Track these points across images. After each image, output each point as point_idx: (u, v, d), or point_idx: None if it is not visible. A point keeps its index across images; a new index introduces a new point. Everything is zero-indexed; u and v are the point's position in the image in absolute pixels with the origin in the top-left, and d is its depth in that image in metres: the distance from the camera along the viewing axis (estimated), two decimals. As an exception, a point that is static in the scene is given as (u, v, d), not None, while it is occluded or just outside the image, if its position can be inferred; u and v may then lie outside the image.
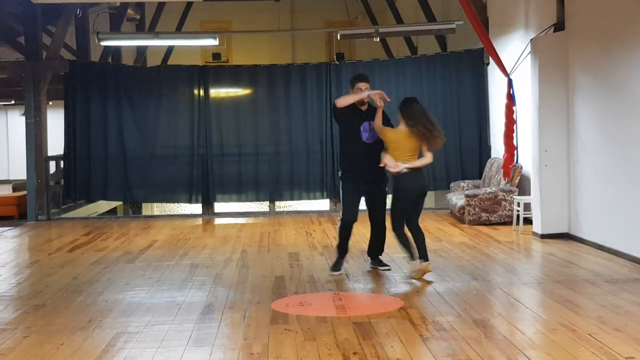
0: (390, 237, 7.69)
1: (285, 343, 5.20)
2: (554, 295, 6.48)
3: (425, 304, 6.26)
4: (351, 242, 9.66)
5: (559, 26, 9.54)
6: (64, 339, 5.42)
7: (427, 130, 7.30)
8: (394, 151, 7.37)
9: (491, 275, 7.53)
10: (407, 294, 6.62)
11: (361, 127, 7.54)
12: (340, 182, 7.83)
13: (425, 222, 11.42)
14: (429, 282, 7.09)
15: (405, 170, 7.28)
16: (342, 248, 7.72)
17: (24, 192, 13.53)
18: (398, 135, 7.39)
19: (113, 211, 16.37)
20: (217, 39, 12.48)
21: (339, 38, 11.84)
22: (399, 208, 7.41)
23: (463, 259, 8.30)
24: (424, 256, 7.26)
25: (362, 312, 6.03)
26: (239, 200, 13.84)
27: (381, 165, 7.39)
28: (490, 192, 10.88)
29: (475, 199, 10.87)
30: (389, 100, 7.59)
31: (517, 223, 10.22)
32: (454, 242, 9.49)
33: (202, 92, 13.48)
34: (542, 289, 6.79)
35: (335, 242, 8.18)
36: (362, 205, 7.79)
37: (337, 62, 13.64)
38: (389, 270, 7.71)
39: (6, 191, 15.82)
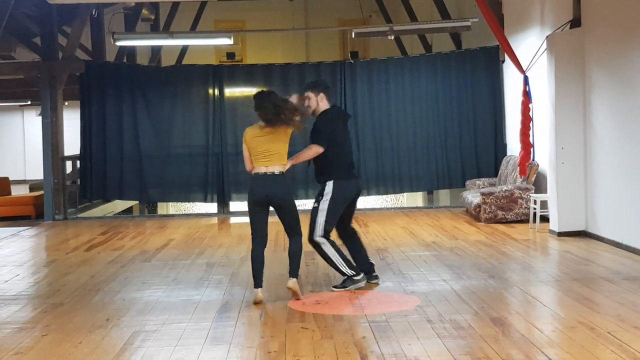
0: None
1: (302, 341, 5.20)
2: (571, 293, 6.44)
3: (442, 302, 6.23)
4: (366, 241, 9.71)
5: (575, 22, 9.47)
6: (82, 338, 5.44)
7: (276, 107, 6.43)
8: (252, 155, 6.53)
9: (508, 274, 7.49)
10: (424, 293, 6.59)
11: None
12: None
13: (441, 220, 11.43)
14: (445, 281, 7.06)
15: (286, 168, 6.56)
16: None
17: (41, 192, 13.60)
18: (248, 136, 6.60)
19: (129, 210, 16.44)
20: (232, 38, 12.48)
21: (353, 36, 11.81)
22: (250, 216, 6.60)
23: (479, 257, 8.27)
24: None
25: (378, 311, 6.02)
26: (254, 199, 13.79)
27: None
28: (506, 190, 10.83)
29: (491, 197, 10.82)
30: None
31: (534, 221, 10.17)
32: (470, 241, 9.46)
33: (216, 92, 13.50)
34: (560, 286, 6.75)
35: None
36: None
37: (352, 61, 13.61)
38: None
39: (23, 191, 15.91)
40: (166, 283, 7.34)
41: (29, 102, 20.42)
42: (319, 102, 6.93)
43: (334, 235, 6.97)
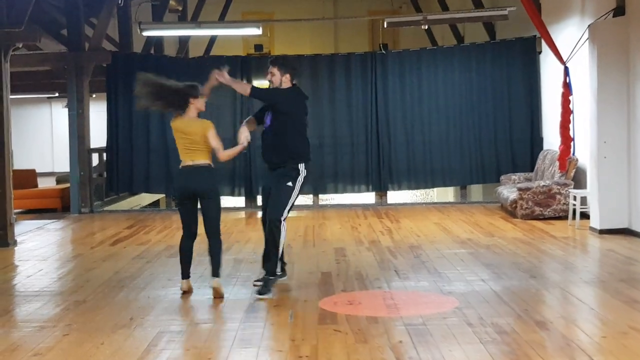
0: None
1: (335, 345, 4.91)
2: (619, 295, 6.07)
3: (481, 303, 5.90)
4: (399, 237, 9.41)
5: (618, 11, 9.05)
6: (105, 338, 5.20)
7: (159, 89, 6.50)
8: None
9: (549, 273, 7.15)
10: (462, 293, 6.26)
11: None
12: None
13: (475, 216, 11.08)
14: (484, 281, 6.72)
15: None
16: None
17: (67, 185, 13.45)
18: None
19: (155, 204, 16.23)
20: (261, 28, 12.19)
21: (385, 26, 11.45)
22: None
23: (518, 256, 7.91)
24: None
25: (415, 312, 5.71)
26: (282, 193, 13.55)
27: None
28: (544, 185, 10.44)
29: (528, 193, 10.44)
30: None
31: (573, 218, 9.78)
32: (507, 238, 9.09)
33: (244, 83, 13.20)
34: (606, 288, 6.38)
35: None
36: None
37: (384, 52, 13.25)
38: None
39: (50, 183, 15.79)
40: (192, 280, 7.00)
41: (57, 94, 20.31)
42: (283, 83, 6.59)
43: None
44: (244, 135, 6.54)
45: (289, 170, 6.54)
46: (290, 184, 6.52)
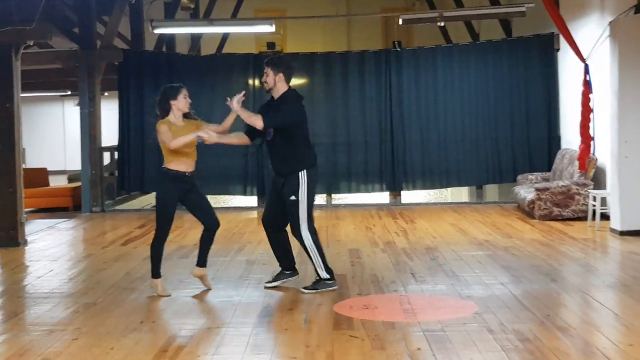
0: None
1: (352, 352, 4.75)
2: (645, 300, 5.89)
3: (502, 308, 5.72)
4: (414, 238, 9.23)
5: (640, 7, 8.85)
6: (114, 343, 5.05)
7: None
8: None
9: (570, 276, 6.97)
10: (481, 297, 6.08)
11: None
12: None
13: (492, 217, 10.89)
14: (503, 284, 6.54)
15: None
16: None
17: (79, 183, 13.36)
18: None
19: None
20: (274, 25, 12.03)
21: (400, 23, 11.28)
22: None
23: (537, 258, 7.72)
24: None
25: (433, 317, 5.53)
26: (295, 192, 13.40)
27: None
28: (562, 185, 10.23)
29: (546, 193, 10.24)
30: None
31: (593, 218, 9.57)
32: (525, 239, 8.90)
33: (256, 81, 13.07)
34: (630, 292, 6.19)
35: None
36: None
37: (399, 49, 13.08)
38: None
39: (62, 182, 15.70)
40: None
41: (69, 93, 20.26)
42: (277, 82, 6.42)
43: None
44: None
45: (289, 181, 6.39)
46: (293, 197, 6.36)
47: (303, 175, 6.36)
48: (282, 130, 6.38)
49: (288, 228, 6.61)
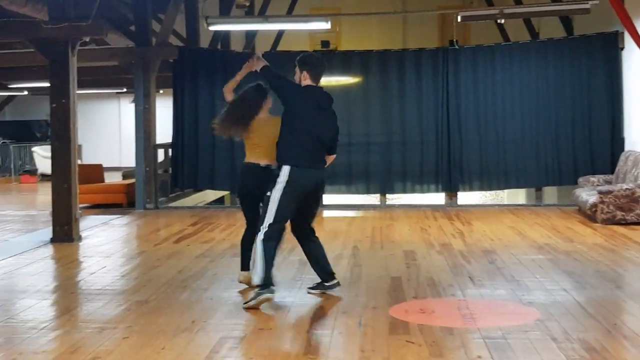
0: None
1: (408, 358, 4.56)
2: None
3: (565, 316, 5.46)
4: (471, 240, 8.99)
5: None
6: (166, 342, 4.96)
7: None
8: None
9: (636, 283, 6.69)
10: (543, 304, 5.82)
11: None
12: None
13: (552, 220, 10.57)
14: (566, 290, 6.27)
15: None
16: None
17: (133, 180, 13.43)
18: None
19: (220, 201, 16.13)
20: (330, 22, 11.87)
21: (459, 20, 11.00)
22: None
23: (601, 264, 7.41)
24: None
25: (493, 324, 5.31)
26: (348, 192, 13.26)
27: None
28: (627, 188, 9.86)
29: (609, 196, 9.87)
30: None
31: (659, 223, 9.20)
32: (587, 244, 8.58)
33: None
34: (703, 302, 5.87)
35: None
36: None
37: (458, 47, 12.80)
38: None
39: (117, 178, 15.84)
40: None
41: (124, 90, 20.48)
42: (302, 80, 6.10)
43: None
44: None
45: (276, 174, 5.94)
46: (269, 193, 5.92)
47: (284, 172, 5.87)
48: (284, 112, 6.05)
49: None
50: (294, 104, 6.01)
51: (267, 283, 5.83)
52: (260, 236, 5.87)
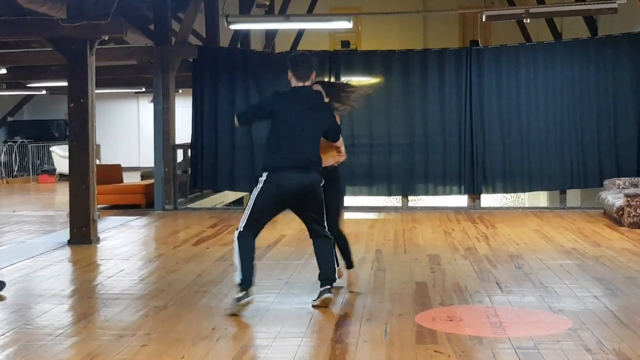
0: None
1: (437, 370, 4.39)
2: None
3: (598, 325, 5.26)
4: (496, 244, 8.78)
5: None
6: (185, 351, 4.81)
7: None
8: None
9: (671, 291, 6.42)
10: (575, 312, 5.62)
11: None
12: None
13: (577, 223, 10.35)
14: (597, 298, 6.06)
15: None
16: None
17: (151, 181, 13.33)
18: None
19: (239, 202, 16.00)
20: (351, 21, 11.70)
21: (483, 19, 10.80)
22: None
23: (632, 269, 7.19)
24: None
25: (524, 333, 5.11)
26: (369, 193, 13.10)
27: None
28: (655, 191, 9.63)
29: (636, 199, 9.64)
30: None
31: (690, 228, 8.95)
32: (615, 248, 8.35)
33: (332, 79, 12.76)
34: None
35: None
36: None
37: (481, 47, 12.57)
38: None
39: (135, 179, 15.76)
40: (278, 287, 6.67)
41: (143, 89, 20.41)
42: (290, 79, 5.98)
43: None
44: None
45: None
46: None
47: (263, 175, 5.82)
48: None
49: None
50: (270, 113, 5.93)
51: (245, 284, 5.69)
52: (235, 234, 5.82)
